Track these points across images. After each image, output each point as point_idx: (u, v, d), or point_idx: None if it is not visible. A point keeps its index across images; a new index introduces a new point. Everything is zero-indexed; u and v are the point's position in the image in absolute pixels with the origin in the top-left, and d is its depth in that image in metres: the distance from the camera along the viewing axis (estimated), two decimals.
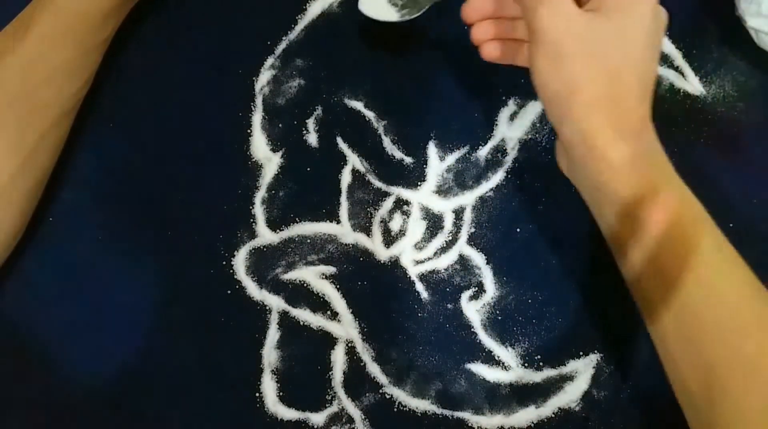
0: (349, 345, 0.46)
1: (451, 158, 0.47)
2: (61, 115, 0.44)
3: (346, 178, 0.47)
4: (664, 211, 0.36)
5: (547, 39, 0.35)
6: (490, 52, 0.41)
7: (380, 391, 0.45)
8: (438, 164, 0.47)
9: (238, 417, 0.45)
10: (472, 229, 0.47)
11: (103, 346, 0.46)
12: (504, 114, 0.48)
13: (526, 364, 0.45)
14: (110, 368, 0.46)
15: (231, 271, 0.47)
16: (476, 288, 0.46)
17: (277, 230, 0.47)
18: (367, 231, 0.47)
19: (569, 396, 0.45)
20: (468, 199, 0.47)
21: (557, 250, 0.46)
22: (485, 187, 0.47)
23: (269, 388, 0.45)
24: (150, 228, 0.47)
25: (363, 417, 0.45)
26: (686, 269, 0.35)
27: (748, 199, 0.46)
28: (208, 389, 0.46)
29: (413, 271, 0.46)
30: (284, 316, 0.46)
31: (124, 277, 0.47)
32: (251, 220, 0.47)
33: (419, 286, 0.46)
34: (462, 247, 0.46)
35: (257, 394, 0.45)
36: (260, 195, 0.47)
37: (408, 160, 0.47)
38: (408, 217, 0.47)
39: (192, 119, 0.48)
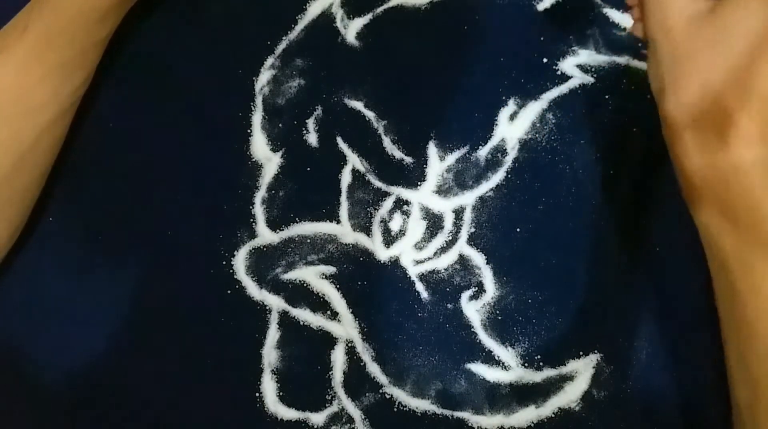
0: (349, 345, 0.46)
1: (451, 158, 0.47)
2: (58, 114, 0.43)
3: (346, 178, 0.47)
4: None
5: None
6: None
7: (380, 391, 0.45)
8: (438, 164, 0.47)
9: (238, 417, 0.45)
10: (472, 229, 0.47)
11: (102, 345, 0.46)
12: (504, 114, 0.48)
13: (526, 364, 0.45)
14: (109, 368, 0.46)
15: (231, 271, 0.47)
16: (476, 288, 0.46)
17: (277, 230, 0.47)
18: (367, 231, 0.47)
19: (569, 396, 0.45)
20: (468, 199, 0.47)
21: (557, 250, 0.46)
22: (485, 187, 0.47)
23: (269, 388, 0.45)
24: (149, 228, 0.47)
25: (363, 417, 0.45)
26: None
27: None
28: (207, 389, 0.46)
29: (413, 271, 0.46)
30: (284, 316, 0.46)
31: (123, 276, 0.47)
32: (251, 220, 0.47)
33: (419, 286, 0.46)
34: (462, 247, 0.46)
35: (257, 394, 0.45)
36: (260, 195, 0.47)
37: (408, 160, 0.47)
38: (408, 217, 0.47)
39: (192, 119, 0.48)
